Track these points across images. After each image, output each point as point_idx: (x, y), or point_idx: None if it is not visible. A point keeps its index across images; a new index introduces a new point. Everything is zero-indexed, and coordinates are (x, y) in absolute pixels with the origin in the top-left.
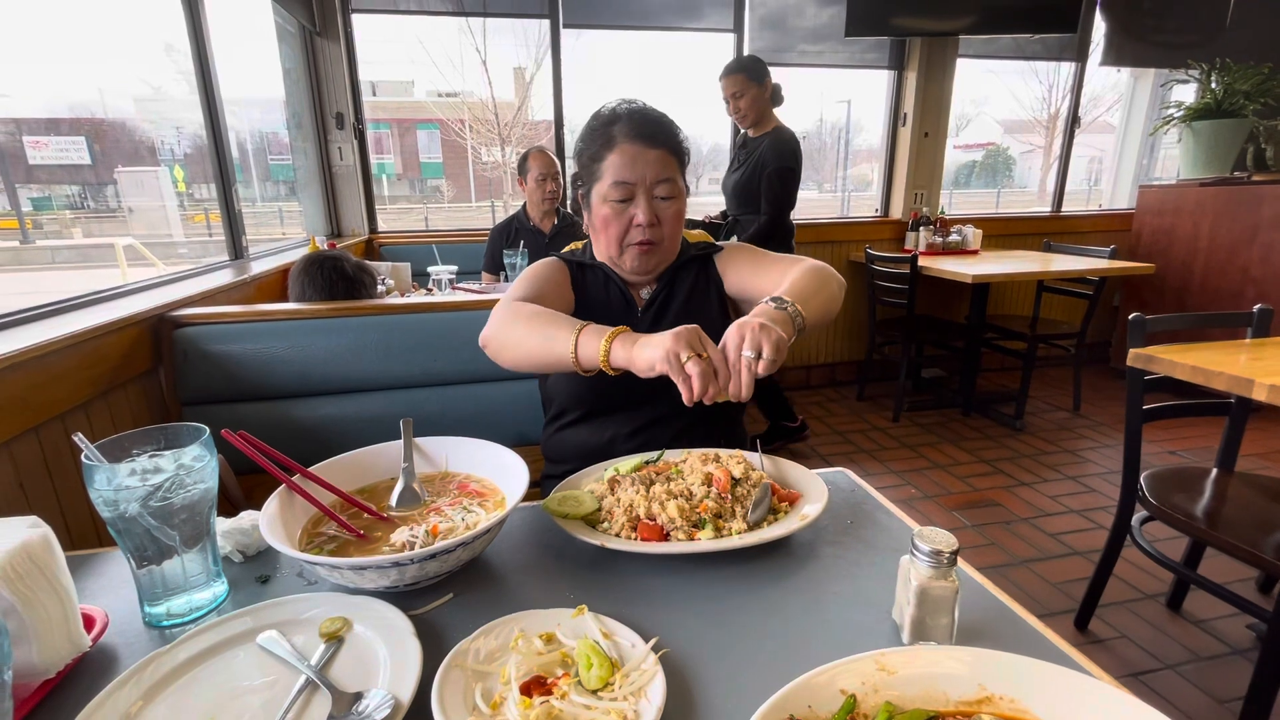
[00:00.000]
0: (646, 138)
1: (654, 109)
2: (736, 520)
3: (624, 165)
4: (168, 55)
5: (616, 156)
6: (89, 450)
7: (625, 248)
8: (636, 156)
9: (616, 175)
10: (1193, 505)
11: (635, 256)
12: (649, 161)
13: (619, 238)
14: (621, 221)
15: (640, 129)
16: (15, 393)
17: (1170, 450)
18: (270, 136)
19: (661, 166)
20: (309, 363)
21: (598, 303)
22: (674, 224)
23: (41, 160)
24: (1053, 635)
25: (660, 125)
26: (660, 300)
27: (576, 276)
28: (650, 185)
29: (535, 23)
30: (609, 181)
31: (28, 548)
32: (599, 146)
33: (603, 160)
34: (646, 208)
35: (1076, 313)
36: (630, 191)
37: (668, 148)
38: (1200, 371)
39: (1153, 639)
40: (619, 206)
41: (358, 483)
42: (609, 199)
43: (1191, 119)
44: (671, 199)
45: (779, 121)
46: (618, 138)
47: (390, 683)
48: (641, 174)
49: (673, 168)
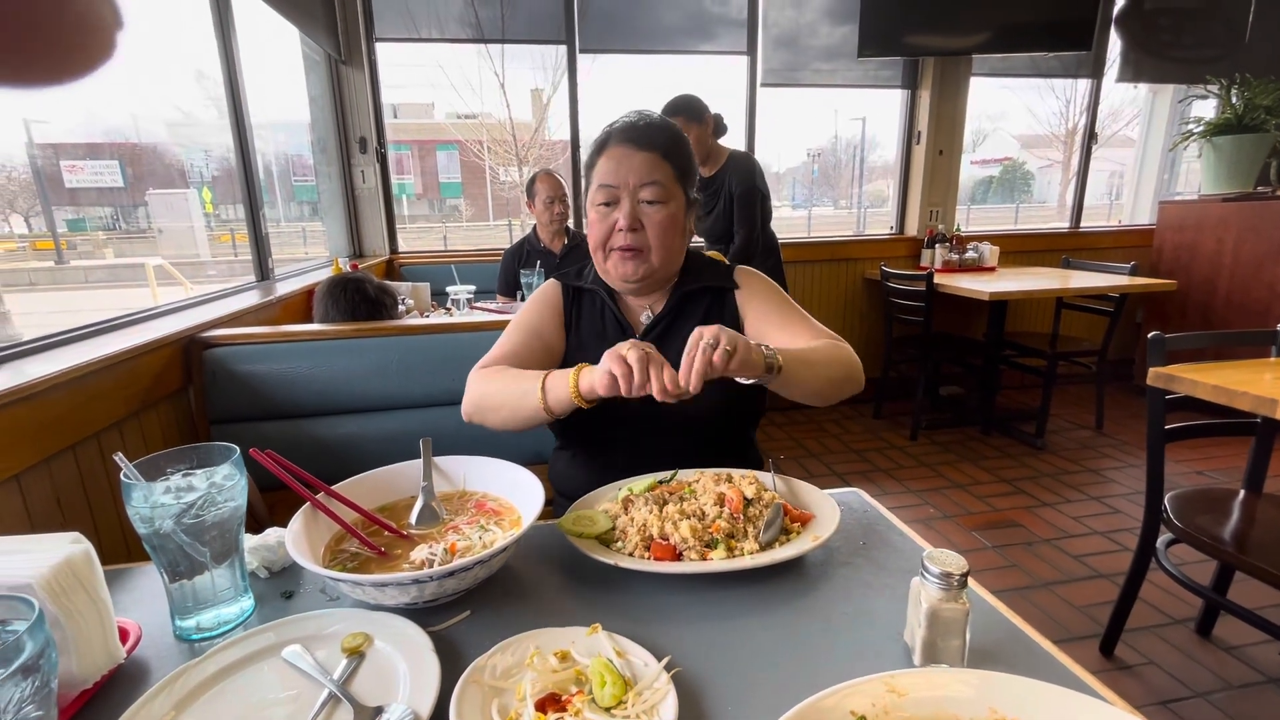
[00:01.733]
0: (635, 140)
1: (656, 116)
2: (749, 540)
3: (610, 168)
4: (198, 82)
5: (605, 160)
6: (128, 469)
7: (608, 253)
8: (622, 159)
9: (601, 178)
10: (1220, 528)
11: (617, 263)
12: (634, 165)
13: (602, 242)
14: (605, 226)
15: (631, 132)
16: (56, 412)
17: (1197, 470)
18: (294, 159)
19: (648, 169)
20: (332, 382)
21: (592, 332)
22: (661, 231)
23: (77, 183)
24: (1067, 660)
25: (655, 129)
26: (662, 327)
27: (571, 303)
28: (634, 188)
29: (553, 47)
30: (595, 185)
31: (70, 563)
32: (593, 153)
33: (594, 166)
34: (628, 211)
35: (1097, 330)
36: (614, 195)
37: (659, 150)
38: (1223, 391)
39: (1182, 666)
40: (603, 210)
41: (379, 500)
42: (595, 204)
43: (1212, 134)
44: (659, 203)
45: (728, 150)
46: (610, 142)
47: (410, 697)
48: (625, 177)
49: (663, 171)
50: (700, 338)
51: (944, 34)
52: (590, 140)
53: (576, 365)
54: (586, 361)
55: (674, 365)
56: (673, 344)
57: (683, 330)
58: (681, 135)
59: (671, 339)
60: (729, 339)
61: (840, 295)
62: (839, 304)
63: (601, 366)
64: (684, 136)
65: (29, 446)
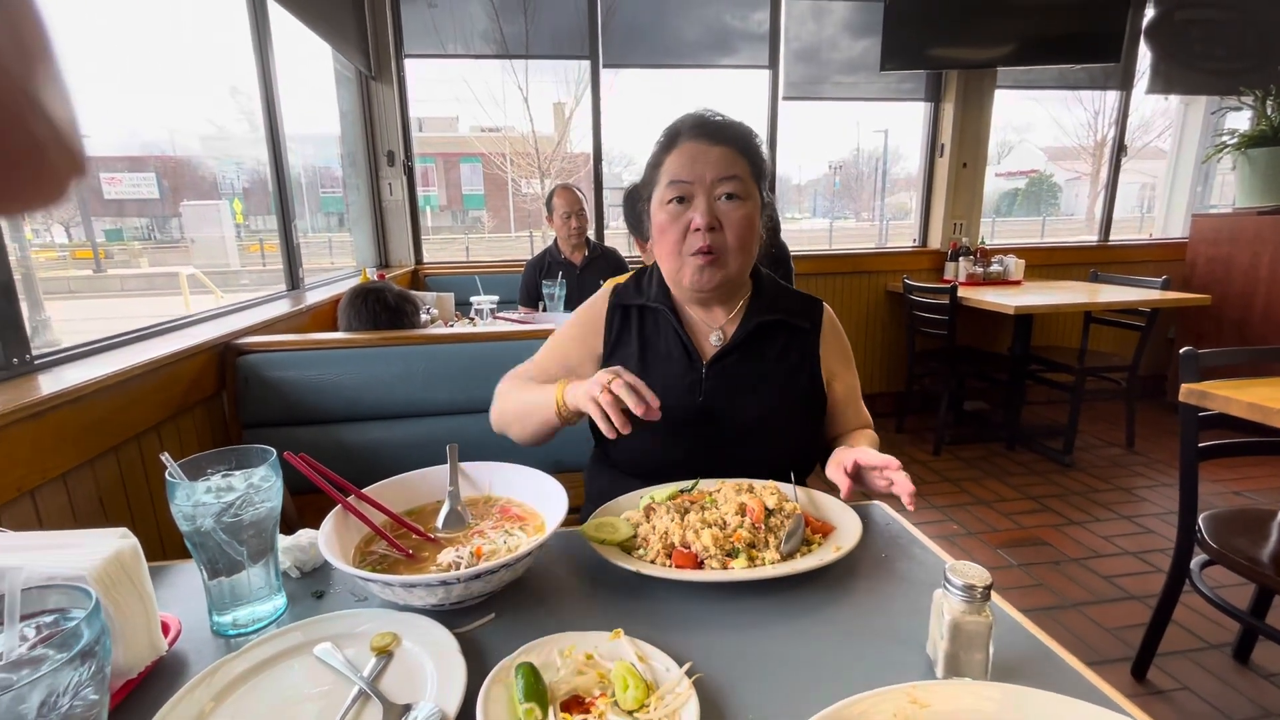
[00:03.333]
0: (710, 135)
1: (724, 116)
2: (770, 550)
3: (682, 163)
4: (232, 97)
5: (676, 155)
6: (173, 469)
7: (684, 259)
8: (697, 154)
9: (673, 174)
10: (1257, 549)
11: (694, 270)
12: (711, 160)
13: (676, 246)
14: (678, 226)
15: (706, 127)
16: (100, 415)
17: (1234, 491)
18: (322, 171)
19: (726, 164)
20: (360, 389)
21: (657, 353)
22: (741, 231)
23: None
24: (1095, 677)
25: (729, 124)
26: (734, 359)
27: (622, 320)
28: (711, 184)
29: (576, 61)
30: (665, 181)
31: (120, 556)
32: (660, 151)
33: (661, 164)
34: (706, 208)
35: (1128, 345)
36: (688, 190)
37: (735, 146)
38: (1259, 409)
39: (1218, 692)
40: (676, 209)
41: (406, 504)
42: (665, 202)
43: (1246, 146)
44: (738, 199)
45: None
46: (680, 139)
47: (437, 696)
48: (701, 172)
49: (741, 167)
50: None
51: (968, 47)
52: (614, 156)
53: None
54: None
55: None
56: (740, 375)
57: (755, 364)
58: (754, 133)
59: (740, 369)
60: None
61: (862, 308)
62: (861, 316)
63: (581, 390)
64: (754, 134)
65: (75, 447)
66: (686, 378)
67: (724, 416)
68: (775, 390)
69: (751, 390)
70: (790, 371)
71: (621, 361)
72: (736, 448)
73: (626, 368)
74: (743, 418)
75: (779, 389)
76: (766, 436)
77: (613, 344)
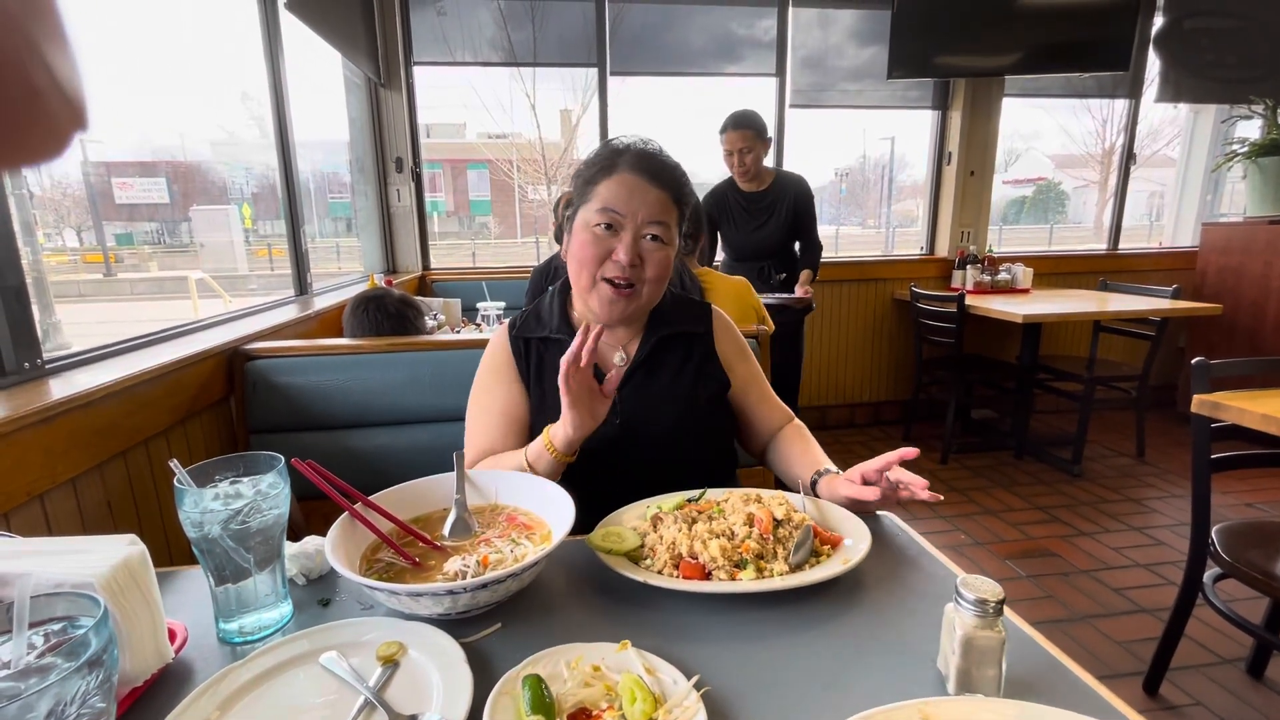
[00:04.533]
0: (651, 174)
1: (667, 155)
2: (778, 561)
3: (619, 194)
4: (242, 103)
5: (614, 182)
6: (181, 475)
7: (597, 283)
8: (635, 189)
9: (607, 201)
10: (1272, 563)
11: (607, 297)
12: (648, 200)
13: (592, 268)
14: (599, 250)
15: (647, 164)
16: (110, 419)
17: (1246, 503)
18: (330, 177)
19: (660, 208)
20: (366, 395)
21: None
22: (658, 269)
23: (127, 200)
24: (1109, 694)
25: (669, 169)
26: (640, 376)
27: (527, 355)
28: (641, 223)
29: (583, 69)
30: (597, 205)
31: (128, 563)
32: (598, 170)
33: (598, 183)
34: (630, 245)
35: (1138, 354)
36: (618, 222)
37: (671, 192)
38: (1273, 420)
39: (1232, 708)
40: (602, 234)
41: (413, 512)
42: (592, 224)
43: (1257, 155)
44: (661, 244)
45: (773, 168)
46: (620, 166)
47: (443, 706)
48: (635, 208)
49: (671, 214)
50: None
51: (975, 55)
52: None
53: (543, 430)
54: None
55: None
56: (651, 390)
57: (660, 376)
58: (687, 181)
59: (650, 385)
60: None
61: (869, 316)
62: (868, 324)
63: (563, 417)
64: (689, 182)
65: (84, 452)
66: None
67: (643, 431)
68: (684, 395)
69: (664, 402)
70: (695, 376)
71: (548, 394)
72: (659, 458)
73: (545, 400)
74: (660, 430)
75: (687, 395)
76: (683, 444)
77: (532, 371)
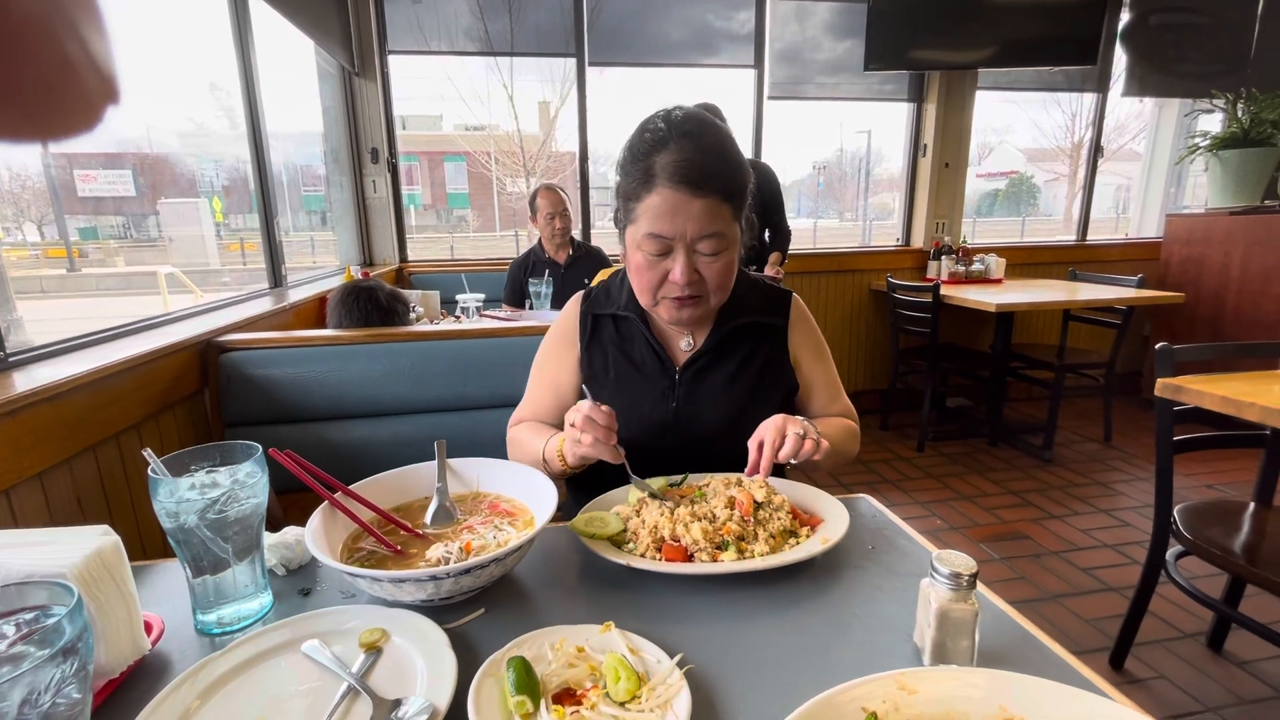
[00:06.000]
0: (692, 183)
1: (710, 132)
2: (759, 543)
3: (662, 215)
4: (211, 94)
5: (655, 200)
6: (156, 465)
7: (659, 300)
8: (678, 206)
9: (652, 226)
10: (1230, 540)
11: (672, 310)
12: (693, 213)
13: (652, 289)
14: (655, 275)
15: (686, 172)
16: (78, 413)
17: (1207, 484)
18: (303, 169)
19: (707, 219)
20: (345, 386)
21: (631, 361)
22: (720, 278)
23: (90, 192)
24: (1076, 662)
25: (712, 163)
26: (705, 362)
27: (594, 327)
28: (691, 240)
29: (561, 61)
30: (643, 230)
31: (101, 554)
32: (637, 183)
33: (640, 200)
34: (685, 266)
35: (1105, 342)
36: (667, 246)
37: (719, 193)
38: (1231, 402)
39: (1193, 680)
40: (653, 258)
41: (394, 501)
42: (640, 247)
43: (1219, 148)
44: (718, 254)
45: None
46: (658, 177)
47: (427, 691)
48: (682, 228)
49: (722, 218)
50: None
51: (950, 49)
52: (599, 154)
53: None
54: (612, 392)
55: (711, 401)
56: (712, 380)
57: (726, 366)
58: (736, 154)
59: (712, 374)
60: (810, 444)
61: (846, 306)
62: (845, 315)
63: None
64: (738, 154)
65: (52, 446)
66: (660, 385)
67: (697, 421)
68: (746, 391)
69: (723, 392)
70: (760, 370)
71: (599, 370)
72: (709, 449)
73: (604, 377)
74: (715, 420)
75: (750, 389)
76: (738, 436)
77: (587, 350)
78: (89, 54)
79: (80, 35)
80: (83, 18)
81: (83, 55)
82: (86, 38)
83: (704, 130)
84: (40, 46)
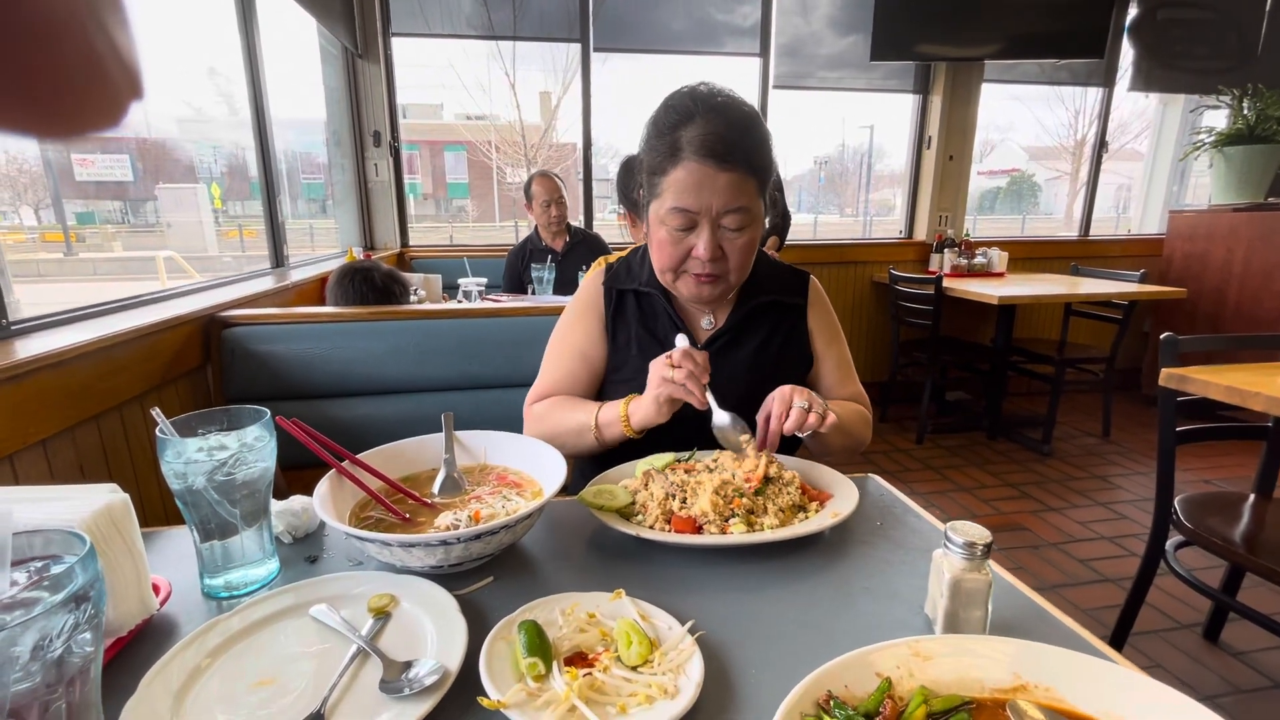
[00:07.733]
0: (718, 157)
1: (736, 106)
2: (768, 516)
3: (687, 189)
4: (210, 78)
5: (681, 174)
6: (164, 424)
7: (680, 274)
8: (704, 180)
9: (677, 200)
10: (1230, 530)
11: (692, 286)
12: (718, 187)
13: (674, 265)
14: (679, 250)
15: (713, 145)
16: (82, 382)
17: (1205, 479)
18: (303, 156)
19: (733, 193)
20: (348, 364)
21: (647, 336)
22: (743, 255)
23: (88, 177)
24: (1087, 633)
25: (738, 136)
26: (726, 340)
27: (617, 301)
28: (717, 215)
29: (563, 49)
30: (668, 205)
31: (110, 510)
32: (662, 158)
33: (665, 174)
34: (709, 241)
35: (1105, 337)
36: (692, 220)
37: (745, 167)
38: (1236, 392)
39: (1189, 670)
40: (677, 233)
41: (401, 472)
42: (667, 223)
43: (1223, 144)
44: (742, 229)
45: None
46: (684, 150)
47: (438, 653)
48: (707, 201)
49: (748, 192)
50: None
51: (957, 40)
52: (602, 144)
53: (626, 397)
54: (635, 367)
55: (734, 378)
56: (735, 358)
57: (748, 345)
58: (762, 129)
59: (734, 353)
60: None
61: (848, 298)
62: (846, 307)
63: (649, 396)
64: (763, 129)
65: (55, 414)
66: None
67: (718, 397)
68: (767, 368)
69: (746, 370)
70: (781, 348)
71: (622, 344)
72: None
73: (626, 351)
74: (737, 398)
75: (770, 367)
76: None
77: (612, 321)
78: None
79: (106, 29)
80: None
81: (109, 50)
82: (112, 32)
83: (730, 104)
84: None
